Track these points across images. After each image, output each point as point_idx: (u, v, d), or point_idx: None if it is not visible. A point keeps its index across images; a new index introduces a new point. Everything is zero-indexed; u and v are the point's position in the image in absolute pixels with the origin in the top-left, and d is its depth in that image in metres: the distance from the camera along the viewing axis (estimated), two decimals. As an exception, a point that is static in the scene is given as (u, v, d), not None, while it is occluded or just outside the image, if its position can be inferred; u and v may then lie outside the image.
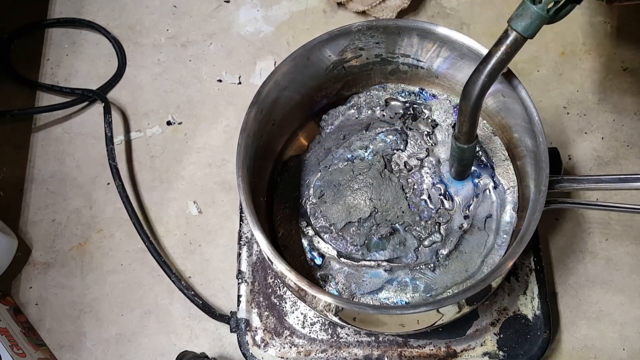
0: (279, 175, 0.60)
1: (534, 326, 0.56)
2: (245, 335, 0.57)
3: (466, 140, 0.49)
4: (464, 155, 0.52)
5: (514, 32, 0.42)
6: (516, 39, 0.42)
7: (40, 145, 0.71)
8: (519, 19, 0.41)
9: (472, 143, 0.50)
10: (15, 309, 0.63)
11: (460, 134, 0.49)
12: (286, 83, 0.55)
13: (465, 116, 0.47)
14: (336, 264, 0.55)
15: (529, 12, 0.41)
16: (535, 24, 0.41)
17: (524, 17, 0.41)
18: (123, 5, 0.79)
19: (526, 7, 0.41)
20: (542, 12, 0.40)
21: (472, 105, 0.45)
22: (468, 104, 0.45)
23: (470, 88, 0.44)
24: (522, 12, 0.41)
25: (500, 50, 0.42)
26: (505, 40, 0.42)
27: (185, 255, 0.65)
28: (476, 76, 0.44)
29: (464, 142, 0.50)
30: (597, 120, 0.69)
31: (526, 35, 0.42)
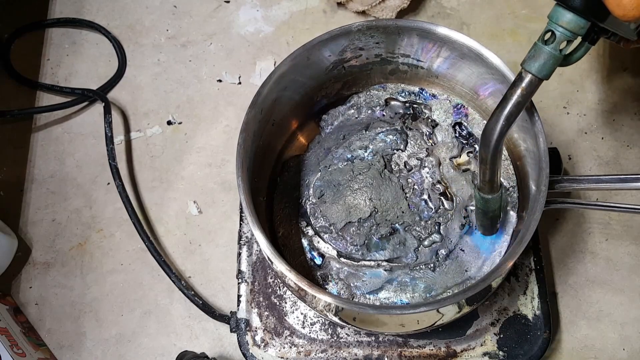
0: (279, 175, 0.60)
1: (534, 326, 0.56)
2: (245, 335, 0.57)
3: (490, 189, 0.47)
4: (489, 206, 0.49)
5: (529, 74, 0.41)
6: (531, 81, 0.41)
7: (40, 145, 0.71)
8: (532, 61, 0.41)
9: (496, 193, 0.48)
10: (15, 309, 0.63)
11: (483, 183, 0.47)
12: (286, 83, 0.55)
13: (486, 164, 0.45)
14: (336, 264, 0.55)
15: (542, 53, 0.40)
16: (549, 64, 0.40)
17: (537, 58, 0.40)
18: (123, 5, 0.79)
19: (538, 48, 0.40)
20: (555, 52, 0.40)
21: (492, 152, 0.44)
22: (487, 150, 0.44)
23: (488, 134, 0.43)
24: (534, 53, 0.41)
25: (516, 94, 0.42)
26: (520, 83, 0.41)
27: (185, 255, 0.65)
28: (494, 121, 0.43)
29: (487, 191, 0.47)
30: (597, 120, 0.69)
31: (541, 77, 0.41)
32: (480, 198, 0.49)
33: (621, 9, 0.34)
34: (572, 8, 0.38)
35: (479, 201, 0.49)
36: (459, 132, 0.60)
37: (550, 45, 0.40)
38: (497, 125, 0.42)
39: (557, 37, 0.39)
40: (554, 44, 0.40)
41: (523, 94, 0.42)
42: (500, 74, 0.51)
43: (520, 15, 0.75)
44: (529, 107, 0.49)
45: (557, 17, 0.39)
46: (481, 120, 0.59)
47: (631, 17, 0.35)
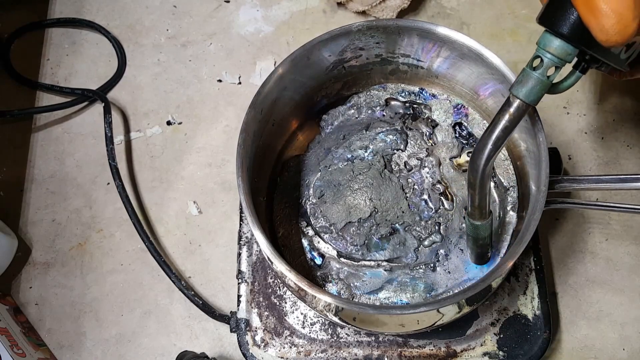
0: (279, 175, 0.60)
1: (534, 326, 0.56)
2: (245, 335, 0.57)
3: (479, 215, 0.47)
4: (479, 233, 0.49)
5: (517, 99, 0.41)
6: (519, 106, 0.41)
7: (40, 145, 0.71)
8: (520, 86, 0.41)
9: (486, 219, 0.47)
10: (15, 309, 0.63)
11: (472, 209, 0.47)
12: (286, 83, 0.55)
13: (474, 188, 0.45)
14: (336, 264, 0.55)
15: (530, 79, 0.40)
16: (536, 90, 0.40)
17: (525, 84, 0.40)
18: (123, 5, 0.79)
19: (526, 74, 0.40)
20: (542, 78, 0.40)
21: (480, 176, 0.44)
22: (475, 175, 0.44)
23: (476, 158, 0.43)
24: (522, 78, 0.41)
25: (504, 119, 0.41)
26: (508, 108, 0.41)
27: (185, 255, 0.65)
28: (481, 146, 0.43)
29: (477, 217, 0.47)
30: (597, 120, 0.69)
31: (528, 102, 0.41)
32: (469, 224, 0.48)
33: (604, 33, 0.34)
34: (560, 35, 0.38)
35: (468, 228, 0.49)
36: (459, 132, 0.60)
37: (538, 71, 0.40)
38: (485, 150, 0.42)
39: (545, 63, 0.40)
40: (541, 69, 0.40)
41: (511, 119, 0.41)
42: (500, 74, 0.51)
43: (520, 15, 0.75)
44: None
45: (545, 44, 0.39)
46: (481, 120, 0.59)
47: (613, 42, 0.34)
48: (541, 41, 0.39)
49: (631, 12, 0.33)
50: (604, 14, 0.33)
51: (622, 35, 0.34)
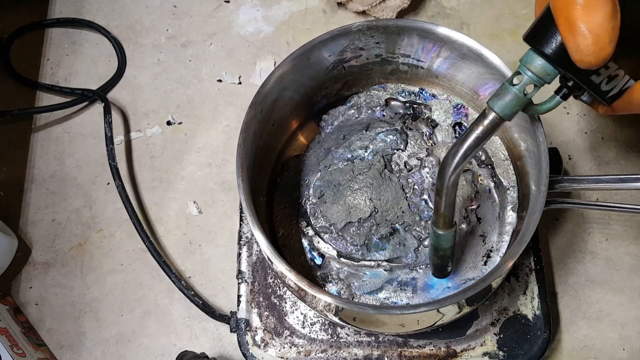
0: (279, 175, 0.60)
1: (534, 326, 0.56)
2: (245, 335, 0.57)
3: (442, 224, 0.46)
4: (440, 243, 0.48)
5: (492, 111, 0.41)
6: (494, 119, 0.41)
7: (40, 145, 0.71)
8: (496, 99, 0.40)
9: (449, 230, 0.47)
10: (15, 309, 0.63)
11: (436, 217, 0.46)
12: (286, 83, 0.55)
13: (440, 196, 0.44)
14: (336, 264, 0.55)
15: (507, 93, 0.40)
16: (511, 104, 0.40)
17: (501, 97, 0.40)
18: (123, 5, 0.79)
19: (504, 88, 0.40)
20: (519, 94, 0.40)
21: (447, 184, 0.43)
22: (443, 182, 0.43)
23: (444, 165, 0.43)
24: (500, 92, 0.40)
25: (478, 130, 0.41)
26: (483, 120, 0.41)
27: (185, 255, 0.65)
28: (452, 154, 0.42)
29: (440, 226, 0.46)
30: (597, 120, 0.69)
31: (502, 116, 0.40)
32: (432, 232, 0.47)
33: (579, 53, 0.34)
34: (543, 54, 0.38)
35: (431, 235, 0.48)
36: (459, 132, 0.60)
37: (516, 87, 0.40)
38: (455, 158, 0.42)
39: (524, 80, 0.40)
40: (519, 85, 0.40)
41: (484, 130, 0.41)
42: (500, 74, 0.51)
43: (520, 15, 0.75)
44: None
45: (527, 61, 0.39)
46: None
47: (587, 63, 0.35)
48: (524, 58, 0.39)
49: (608, 36, 0.33)
50: (582, 33, 0.34)
51: (596, 57, 0.34)
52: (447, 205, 0.45)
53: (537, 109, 0.43)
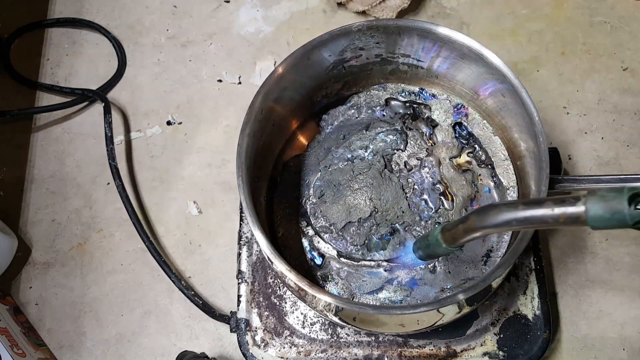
0: (279, 175, 0.60)
1: (534, 326, 0.56)
2: (245, 335, 0.57)
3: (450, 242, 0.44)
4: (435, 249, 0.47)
5: (584, 212, 0.33)
6: (578, 219, 0.33)
7: (40, 145, 0.71)
8: (602, 204, 0.33)
9: (450, 247, 0.45)
10: (15, 309, 0.63)
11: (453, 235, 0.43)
12: (286, 83, 0.55)
13: (469, 231, 0.41)
14: (336, 264, 0.55)
15: (615, 209, 0.32)
16: (609, 223, 0.33)
17: (606, 208, 0.32)
18: (123, 5, 0.79)
19: (618, 200, 0.32)
20: (629, 220, 0.32)
21: (483, 231, 0.40)
22: (480, 227, 0.39)
23: (498, 217, 0.38)
24: (611, 199, 0.32)
25: (553, 213, 0.34)
26: (568, 208, 0.34)
27: (185, 255, 0.65)
28: (509, 211, 0.37)
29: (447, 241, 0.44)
30: (597, 120, 0.69)
31: (589, 224, 0.33)
32: (435, 237, 0.46)
33: None
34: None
35: (433, 236, 0.46)
36: (459, 132, 0.60)
37: (629, 211, 0.32)
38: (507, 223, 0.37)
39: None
40: (634, 214, 0.32)
41: (557, 220, 0.35)
42: (500, 74, 0.51)
43: (520, 15, 0.75)
44: (529, 107, 0.49)
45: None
46: (481, 120, 0.59)
47: None
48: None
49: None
50: None
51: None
52: (468, 240, 0.43)
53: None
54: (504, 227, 0.38)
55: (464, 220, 0.41)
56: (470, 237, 0.42)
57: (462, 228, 0.41)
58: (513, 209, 0.36)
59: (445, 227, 0.44)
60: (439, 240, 0.45)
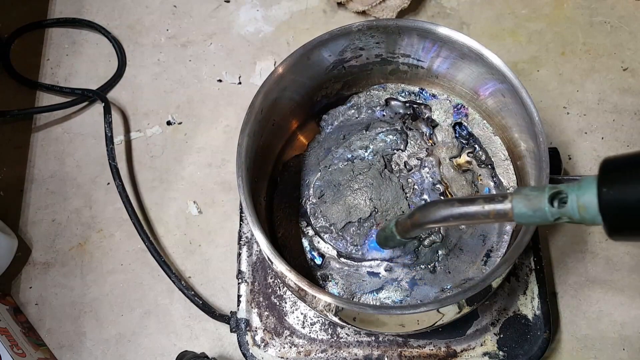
0: (279, 175, 0.60)
1: (534, 326, 0.56)
2: (245, 335, 0.57)
3: (401, 234, 0.46)
4: (392, 240, 0.48)
5: (511, 210, 0.36)
6: (505, 214, 0.36)
7: (40, 145, 0.71)
8: (525, 202, 0.35)
9: (402, 240, 0.47)
10: (15, 309, 0.63)
11: (403, 228, 0.46)
12: (286, 83, 0.55)
13: (411, 225, 0.44)
14: (336, 264, 0.55)
15: (538, 208, 0.34)
16: (532, 220, 0.35)
17: (529, 207, 0.34)
18: (123, 5, 0.79)
19: (539, 199, 0.34)
20: (550, 217, 0.34)
21: (422, 227, 0.43)
22: (420, 223, 0.43)
23: (431, 213, 0.41)
24: (533, 199, 0.34)
25: (483, 210, 0.37)
26: (496, 206, 0.36)
27: (185, 255, 0.65)
28: (443, 207, 0.40)
29: (399, 232, 0.46)
30: (597, 120, 0.69)
31: (515, 220, 0.36)
32: (391, 229, 0.47)
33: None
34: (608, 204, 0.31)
35: (388, 227, 0.48)
36: (459, 132, 0.60)
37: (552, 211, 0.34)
38: (442, 215, 0.40)
39: (565, 212, 0.34)
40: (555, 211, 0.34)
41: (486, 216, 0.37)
42: (500, 74, 0.51)
43: (520, 15, 0.75)
44: (529, 107, 0.49)
45: (584, 193, 0.32)
46: (481, 120, 0.59)
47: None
48: (583, 186, 0.31)
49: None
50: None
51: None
52: (413, 234, 0.46)
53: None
54: (443, 222, 0.40)
55: (411, 215, 0.44)
56: (418, 230, 0.45)
57: (410, 222, 0.44)
58: (450, 206, 0.39)
59: (398, 221, 0.47)
60: (393, 233, 0.47)
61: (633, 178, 0.28)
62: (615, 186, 0.28)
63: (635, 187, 0.27)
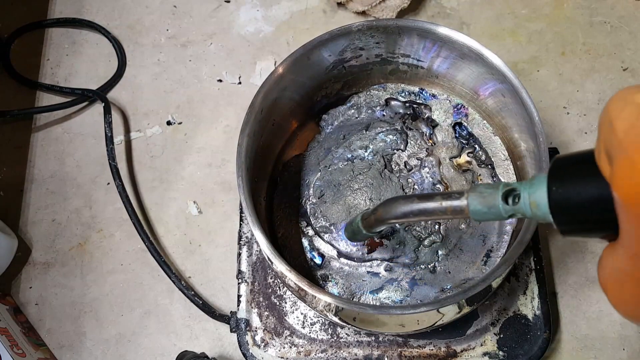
0: (279, 175, 0.60)
1: (534, 326, 0.56)
2: (245, 335, 0.57)
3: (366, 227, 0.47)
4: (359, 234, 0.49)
5: (467, 206, 0.36)
6: (461, 211, 0.37)
7: (40, 145, 0.71)
8: (480, 199, 0.35)
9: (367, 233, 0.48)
10: (15, 309, 0.63)
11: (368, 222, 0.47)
12: (286, 83, 0.55)
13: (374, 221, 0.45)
14: (336, 263, 0.55)
15: (492, 205, 0.35)
16: (487, 216, 0.35)
17: (484, 204, 0.35)
18: (123, 5, 0.79)
19: (493, 197, 0.35)
20: (504, 214, 0.34)
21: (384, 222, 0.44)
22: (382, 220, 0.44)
23: (392, 209, 0.42)
24: (487, 196, 0.35)
25: (441, 207, 0.38)
26: (452, 203, 0.37)
27: (185, 255, 0.65)
28: (402, 204, 0.41)
29: (364, 226, 0.47)
30: (597, 120, 0.68)
31: (471, 217, 0.36)
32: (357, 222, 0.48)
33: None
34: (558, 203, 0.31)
35: (355, 222, 0.49)
36: (459, 132, 0.60)
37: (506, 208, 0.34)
38: (401, 212, 0.41)
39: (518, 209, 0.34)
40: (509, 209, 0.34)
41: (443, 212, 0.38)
42: (501, 74, 0.51)
43: (520, 15, 0.75)
44: (529, 107, 0.49)
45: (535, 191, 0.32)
46: (481, 120, 0.59)
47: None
48: (535, 183, 0.31)
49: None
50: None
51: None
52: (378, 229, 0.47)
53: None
54: (404, 218, 0.41)
55: (375, 211, 0.45)
56: (382, 225, 0.46)
57: (373, 218, 0.45)
58: (410, 203, 0.40)
59: (363, 216, 0.48)
60: (359, 227, 0.48)
61: (580, 177, 0.28)
62: (564, 184, 0.28)
63: (583, 186, 0.28)
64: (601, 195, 0.26)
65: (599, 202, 0.26)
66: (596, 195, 0.27)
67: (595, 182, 0.26)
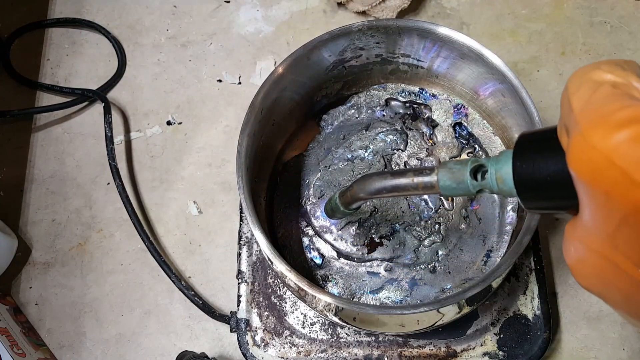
0: (279, 175, 0.60)
1: (534, 326, 0.56)
2: (245, 335, 0.57)
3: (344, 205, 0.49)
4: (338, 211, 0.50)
5: (437, 182, 0.37)
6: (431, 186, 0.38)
7: (40, 145, 0.71)
8: (449, 175, 0.36)
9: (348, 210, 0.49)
10: (15, 309, 0.63)
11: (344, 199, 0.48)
12: (286, 83, 0.55)
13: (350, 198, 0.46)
14: (336, 264, 0.55)
15: (462, 181, 0.36)
16: (456, 192, 0.36)
17: (453, 179, 0.36)
18: (123, 5, 0.79)
19: (462, 173, 0.35)
20: (472, 189, 0.35)
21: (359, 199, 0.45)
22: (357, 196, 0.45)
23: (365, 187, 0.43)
24: (456, 172, 0.36)
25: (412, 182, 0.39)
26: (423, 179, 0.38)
27: (185, 255, 0.65)
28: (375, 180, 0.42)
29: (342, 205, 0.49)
30: (597, 120, 0.69)
31: (441, 192, 0.37)
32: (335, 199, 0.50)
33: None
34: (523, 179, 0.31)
35: (333, 199, 0.50)
36: (459, 132, 0.60)
37: (474, 184, 0.36)
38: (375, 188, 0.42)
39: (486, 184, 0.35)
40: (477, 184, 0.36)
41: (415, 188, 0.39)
42: (500, 74, 0.51)
43: (520, 15, 0.75)
44: (529, 107, 0.49)
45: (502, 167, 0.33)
46: (481, 120, 0.59)
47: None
48: (502, 159, 0.32)
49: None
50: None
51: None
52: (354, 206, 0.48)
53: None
54: (378, 194, 0.42)
55: (350, 188, 0.46)
56: (358, 202, 0.47)
57: (349, 194, 0.47)
58: (383, 179, 0.41)
59: (340, 193, 0.49)
60: (337, 204, 0.49)
61: (543, 153, 0.28)
62: (528, 160, 0.29)
63: (545, 162, 0.28)
64: (562, 170, 0.26)
65: (560, 178, 0.27)
66: (558, 170, 0.27)
67: (557, 157, 0.27)
